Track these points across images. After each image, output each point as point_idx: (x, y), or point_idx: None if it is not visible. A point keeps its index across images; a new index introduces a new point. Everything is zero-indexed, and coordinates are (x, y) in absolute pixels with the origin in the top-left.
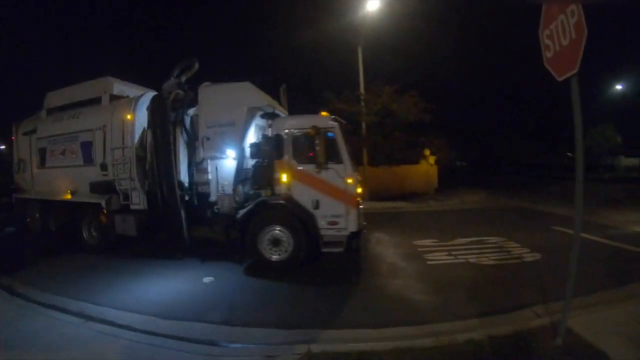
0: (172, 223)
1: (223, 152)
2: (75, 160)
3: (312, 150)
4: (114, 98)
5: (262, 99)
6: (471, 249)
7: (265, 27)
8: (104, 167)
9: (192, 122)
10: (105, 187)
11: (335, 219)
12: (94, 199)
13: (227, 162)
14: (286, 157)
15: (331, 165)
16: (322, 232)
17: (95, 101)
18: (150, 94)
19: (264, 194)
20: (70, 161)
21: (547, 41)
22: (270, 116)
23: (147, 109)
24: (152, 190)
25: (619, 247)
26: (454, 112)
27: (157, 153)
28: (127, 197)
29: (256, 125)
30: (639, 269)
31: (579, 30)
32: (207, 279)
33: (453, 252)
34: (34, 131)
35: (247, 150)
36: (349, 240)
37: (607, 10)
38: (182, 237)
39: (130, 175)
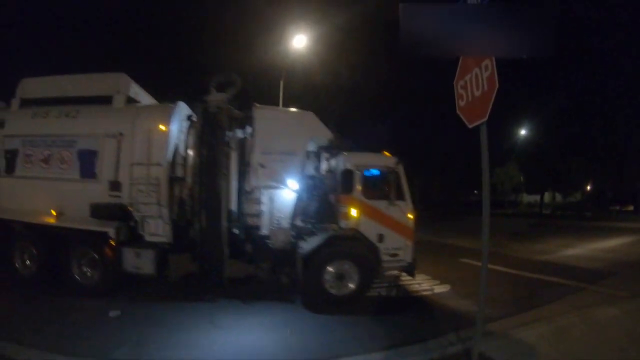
0: (209, 258)
1: (280, 182)
2: (66, 172)
3: (380, 186)
4: (130, 100)
5: (325, 131)
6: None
7: (194, 51)
8: (115, 186)
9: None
10: (114, 212)
11: (396, 251)
12: (96, 225)
13: (283, 193)
14: (356, 192)
15: (397, 202)
16: (384, 265)
17: (100, 100)
18: (182, 104)
19: (332, 228)
20: (58, 172)
21: (461, 91)
22: (327, 150)
23: (191, 121)
24: (182, 219)
25: (522, 275)
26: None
27: (202, 176)
28: (141, 225)
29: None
30: (541, 293)
31: (491, 83)
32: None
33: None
34: (0, 125)
35: (304, 183)
36: (406, 269)
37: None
38: (221, 275)
39: (158, 200)
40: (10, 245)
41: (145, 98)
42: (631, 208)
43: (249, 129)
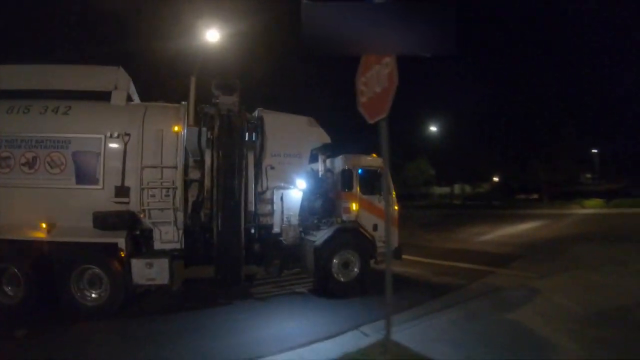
0: (225, 261)
1: (289, 182)
2: (58, 177)
3: (372, 183)
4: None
5: (325, 135)
6: (297, 279)
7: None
8: (122, 191)
9: None
10: (123, 221)
11: (385, 237)
12: (103, 237)
13: (292, 193)
14: (355, 189)
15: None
16: (378, 250)
17: (95, 96)
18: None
19: (336, 221)
20: (46, 178)
21: (363, 87)
22: (323, 151)
23: (204, 123)
24: (195, 223)
25: (436, 264)
26: None
27: (220, 178)
28: (150, 232)
29: None
30: (450, 281)
31: (391, 80)
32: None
33: (281, 284)
34: None
35: (309, 182)
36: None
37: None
38: (238, 275)
39: (173, 205)
40: None
41: (135, 97)
42: (536, 196)
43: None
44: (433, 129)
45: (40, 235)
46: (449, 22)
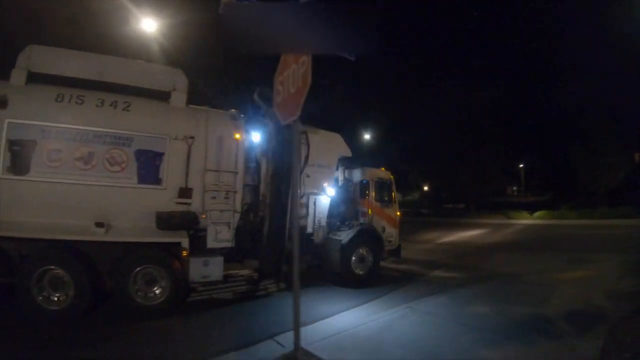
0: (271, 257)
1: (320, 189)
2: (119, 175)
3: (383, 193)
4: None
5: (347, 149)
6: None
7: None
8: (185, 193)
9: None
10: (187, 221)
11: (391, 238)
12: (166, 237)
13: (322, 198)
14: (371, 198)
15: (391, 203)
16: (385, 248)
17: (152, 94)
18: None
19: (356, 224)
20: (105, 176)
21: (279, 87)
22: (345, 163)
23: (267, 131)
24: (247, 223)
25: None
26: None
27: (273, 184)
28: (204, 232)
29: None
30: (379, 288)
31: (305, 80)
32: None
33: (199, 289)
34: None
35: (335, 190)
36: (396, 250)
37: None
38: (280, 270)
39: (233, 207)
40: (26, 274)
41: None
42: (463, 206)
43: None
44: (367, 137)
45: (96, 236)
46: (370, 22)
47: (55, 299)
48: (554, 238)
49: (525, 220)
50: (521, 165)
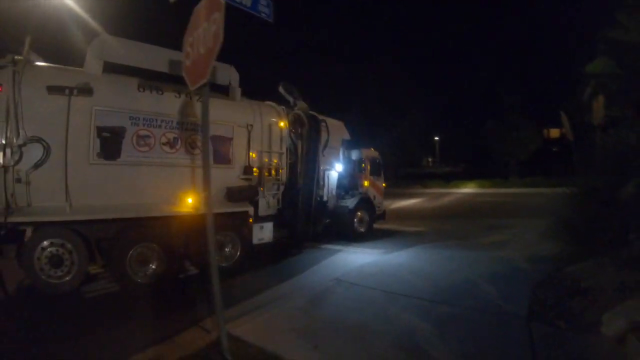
0: (304, 222)
1: (331, 166)
2: (199, 157)
3: (374, 168)
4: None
5: (348, 134)
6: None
7: None
8: (247, 170)
9: None
10: (251, 194)
11: (379, 204)
12: (234, 207)
13: (332, 173)
14: (367, 172)
15: (379, 177)
16: (377, 212)
17: (213, 88)
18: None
19: (357, 193)
20: (188, 158)
21: (189, 49)
22: (346, 144)
23: (302, 124)
24: (286, 195)
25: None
26: None
27: (307, 163)
28: (257, 202)
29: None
30: (295, 265)
31: (216, 39)
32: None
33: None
34: (85, 91)
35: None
36: (381, 215)
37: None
38: (309, 231)
39: (281, 181)
40: (120, 255)
41: None
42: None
43: None
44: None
45: (189, 209)
46: None
47: (143, 273)
48: (472, 206)
49: (441, 189)
50: (436, 138)
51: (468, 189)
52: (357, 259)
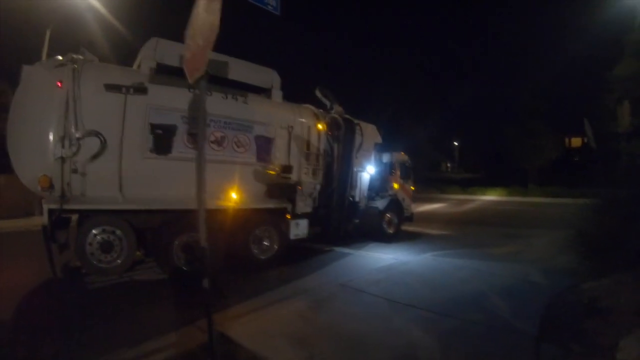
0: (337, 221)
1: (363, 168)
2: (243, 155)
3: (404, 171)
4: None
5: (379, 137)
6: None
7: None
8: (287, 169)
9: None
10: (290, 191)
11: (407, 206)
12: (274, 203)
13: (364, 175)
14: (397, 175)
15: (408, 180)
16: (405, 214)
17: (256, 90)
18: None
19: (387, 195)
20: (233, 155)
21: (190, 42)
22: (377, 147)
23: (339, 127)
24: (322, 193)
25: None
26: None
27: (342, 165)
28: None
29: None
30: (301, 268)
31: (213, 28)
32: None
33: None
34: (140, 90)
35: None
36: (409, 217)
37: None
38: (340, 230)
39: (318, 181)
40: (167, 243)
41: None
42: None
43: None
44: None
45: (233, 204)
46: None
47: (187, 261)
48: (490, 213)
49: (458, 195)
50: (456, 143)
51: (486, 196)
52: (365, 264)
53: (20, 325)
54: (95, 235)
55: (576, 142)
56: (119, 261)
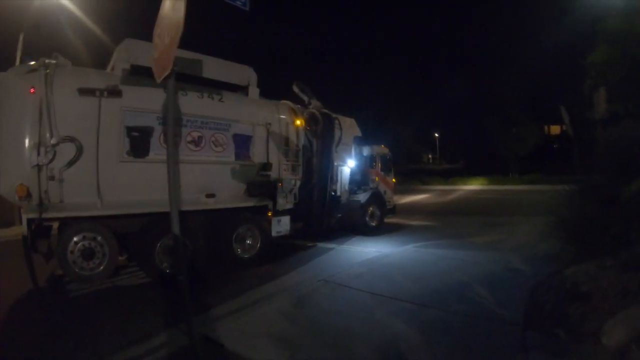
0: (317, 217)
1: (344, 162)
2: (221, 155)
3: (384, 164)
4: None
5: (359, 131)
6: (122, 270)
7: None
8: (266, 166)
9: None
10: (270, 188)
11: (390, 199)
12: (255, 201)
13: (345, 169)
14: (378, 168)
15: (389, 172)
16: (387, 206)
17: (232, 88)
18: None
19: (368, 188)
20: (211, 155)
21: (157, 40)
22: (357, 141)
23: (317, 122)
24: (303, 189)
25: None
26: None
27: (322, 160)
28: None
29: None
30: (281, 265)
31: (178, 27)
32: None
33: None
34: (114, 93)
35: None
36: (392, 210)
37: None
38: (322, 226)
39: (297, 176)
40: (149, 246)
41: None
42: None
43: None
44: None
45: (208, 205)
46: None
47: (169, 264)
48: (471, 203)
49: (440, 185)
50: (437, 135)
51: (468, 186)
52: (348, 258)
53: (3, 335)
54: (76, 242)
55: (555, 129)
56: (101, 267)
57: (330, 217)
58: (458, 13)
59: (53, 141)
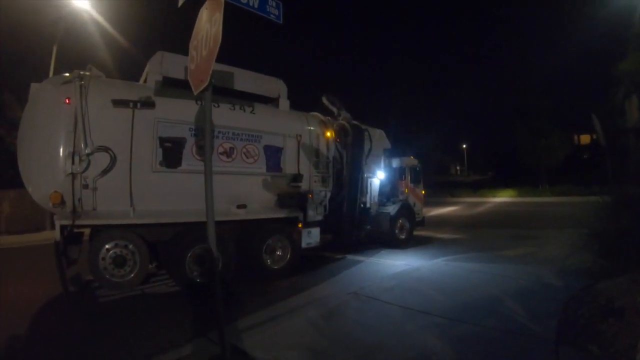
0: (348, 228)
1: (373, 174)
2: (253, 166)
3: (414, 175)
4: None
5: (387, 142)
6: (152, 278)
7: None
8: (297, 178)
9: None
10: (301, 200)
11: (419, 211)
12: (285, 213)
13: (375, 181)
14: (408, 180)
15: (419, 184)
16: (416, 218)
17: (263, 100)
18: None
19: (398, 200)
20: (243, 166)
21: (193, 52)
22: (386, 153)
23: (347, 134)
24: (333, 200)
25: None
26: None
27: (351, 172)
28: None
29: None
30: (313, 274)
31: (216, 39)
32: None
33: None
34: (148, 104)
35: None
36: (421, 222)
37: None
38: (352, 237)
39: (328, 188)
40: (181, 255)
41: None
42: None
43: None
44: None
45: (239, 216)
46: None
47: (199, 274)
48: (502, 215)
49: (468, 197)
50: (464, 146)
51: (497, 198)
52: (377, 270)
53: (33, 339)
54: (108, 250)
55: (585, 139)
56: (132, 275)
57: (359, 229)
58: (486, 24)
59: (87, 150)
